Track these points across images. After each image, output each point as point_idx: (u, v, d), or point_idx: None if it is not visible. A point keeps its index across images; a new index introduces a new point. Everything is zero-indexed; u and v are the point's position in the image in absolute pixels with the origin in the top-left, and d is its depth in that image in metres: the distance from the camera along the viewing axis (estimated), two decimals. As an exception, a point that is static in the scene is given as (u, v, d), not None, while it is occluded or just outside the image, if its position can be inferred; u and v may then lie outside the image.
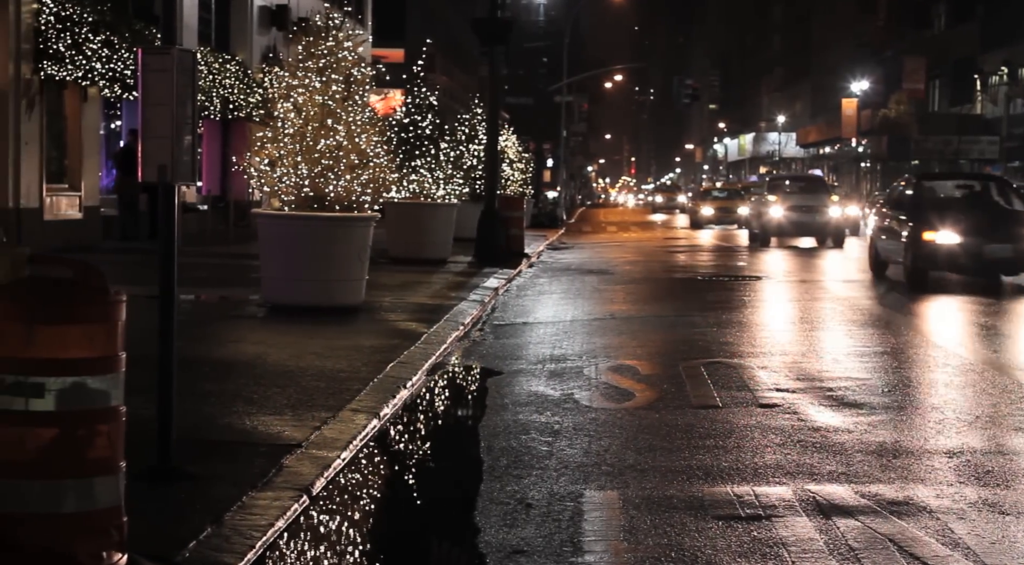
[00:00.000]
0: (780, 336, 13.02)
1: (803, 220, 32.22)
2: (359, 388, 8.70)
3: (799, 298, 17.60)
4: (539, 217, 46.87)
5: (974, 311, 15.57)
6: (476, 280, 18.53)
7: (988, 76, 67.28)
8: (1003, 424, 8.22)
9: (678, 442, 7.55)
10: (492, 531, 5.68)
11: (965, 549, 5.40)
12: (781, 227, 32.19)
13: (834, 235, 32.27)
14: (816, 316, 15.39)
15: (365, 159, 13.69)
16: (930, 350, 11.98)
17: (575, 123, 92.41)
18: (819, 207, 32.20)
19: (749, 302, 16.96)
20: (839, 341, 12.65)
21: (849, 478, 6.64)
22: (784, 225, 32.16)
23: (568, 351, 11.64)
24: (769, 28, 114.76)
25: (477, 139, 28.86)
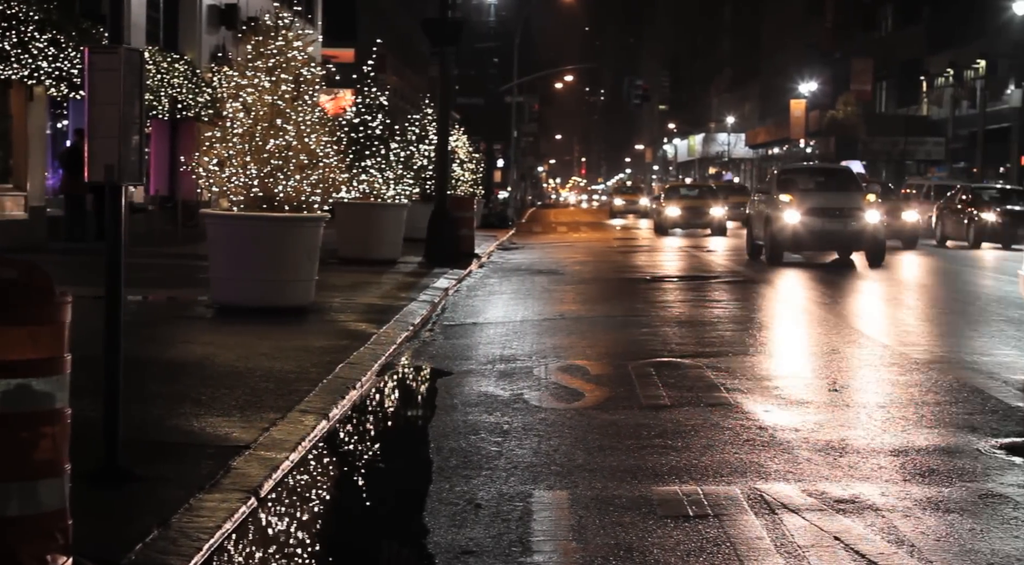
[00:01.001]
0: (729, 336, 13.09)
1: (830, 229, 23.74)
2: (308, 389, 8.68)
3: (748, 297, 17.70)
4: (489, 217, 46.86)
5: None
6: (426, 280, 18.51)
7: (934, 78, 67.94)
8: (948, 422, 8.30)
9: (627, 442, 7.57)
10: (441, 532, 5.68)
11: (910, 546, 5.46)
12: (798, 238, 23.83)
13: (871, 249, 23.82)
14: (765, 315, 15.49)
15: (315, 159, 13.64)
16: (872, 346, 12.09)
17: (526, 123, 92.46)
18: (852, 210, 23.84)
19: (698, 302, 17.04)
20: (787, 340, 12.74)
21: (796, 477, 6.69)
22: (803, 235, 23.78)
23: (518, 351, 11.65)
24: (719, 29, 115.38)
25: (427, 139, 28.81)
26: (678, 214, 42.04)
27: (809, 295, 18.06)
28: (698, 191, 46.76)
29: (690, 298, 17.63)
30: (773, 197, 24.94)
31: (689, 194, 45.40)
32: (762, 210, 25.42)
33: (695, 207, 42.52)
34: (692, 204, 42.83)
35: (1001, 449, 7.43)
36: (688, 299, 17.46)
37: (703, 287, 19.44)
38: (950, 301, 17.44)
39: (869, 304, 17.44)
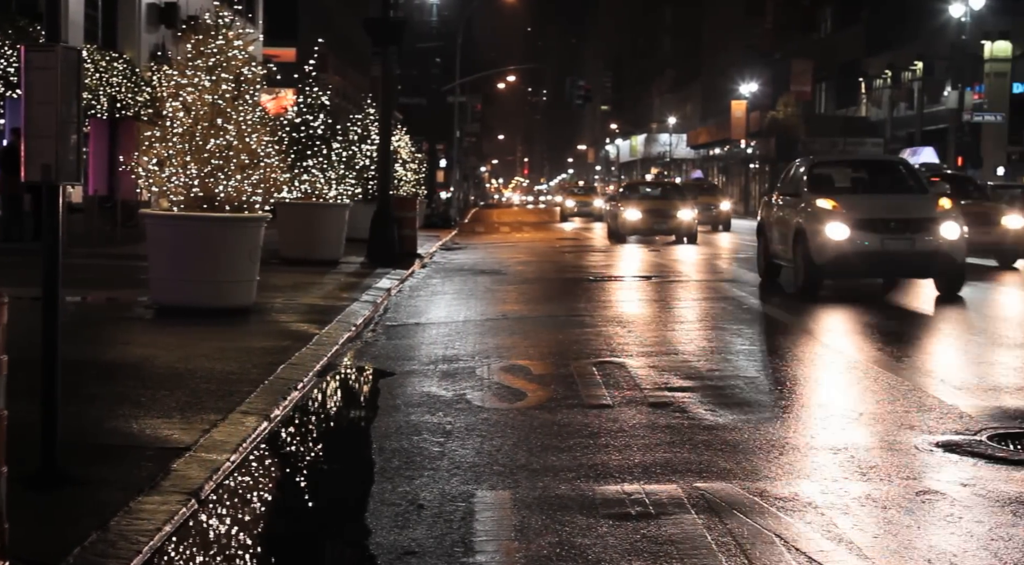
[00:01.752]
0: (671, 335, 13.16)
1: (893, 249, 16.57)
2: (249, 390, 8.63)
3: (690, 297, 17.79)
4: (432, 217, 46.82)
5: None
6: (369, 281, 18.46)
7: (872, 79, 68.65)
8: (886, 420, 8.39)
9: (569, 441, 7.59)
10: (383, 532, 5.67)
11: (849, 543, 5.51)
12: (847, 260, 16.56)
13: (946, 274, 16.89)
14: (707, 314, 15.57)
15: (256, 159, 13.57)
16: (816, 348, 12.19)
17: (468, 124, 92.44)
18: (921, 222, 16.77)
19: (641, 301, 17.11)
20: (729, 340, 12.81)
21: (737, 475, 6.73)
22: (854, 257, 16.60)
23: (461, 351, 11.64)
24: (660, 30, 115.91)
25: (370, 139, 28.73)
26: (638, 217, 35.20)
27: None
28: (661, 190, 40.04)
29: (629, 297, 17.69)
30: (805, 200, 17.56)
31: (651, 193, 38.97)
32: (788, 218, 17.99)
33: (659, 209, 35.80)
34: (655, 205, 36.17)
35: (938, 446, 7.51)
36: (628, 298, 17.53)
37: (642, 287, 19.52)
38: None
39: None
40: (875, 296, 17.60)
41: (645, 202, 36.55)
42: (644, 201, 36.71)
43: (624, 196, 38.05)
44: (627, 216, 35.31)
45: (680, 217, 35.17)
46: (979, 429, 8.02)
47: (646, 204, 36.10)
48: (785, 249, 18.11)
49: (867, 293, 17.90)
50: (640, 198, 37.35)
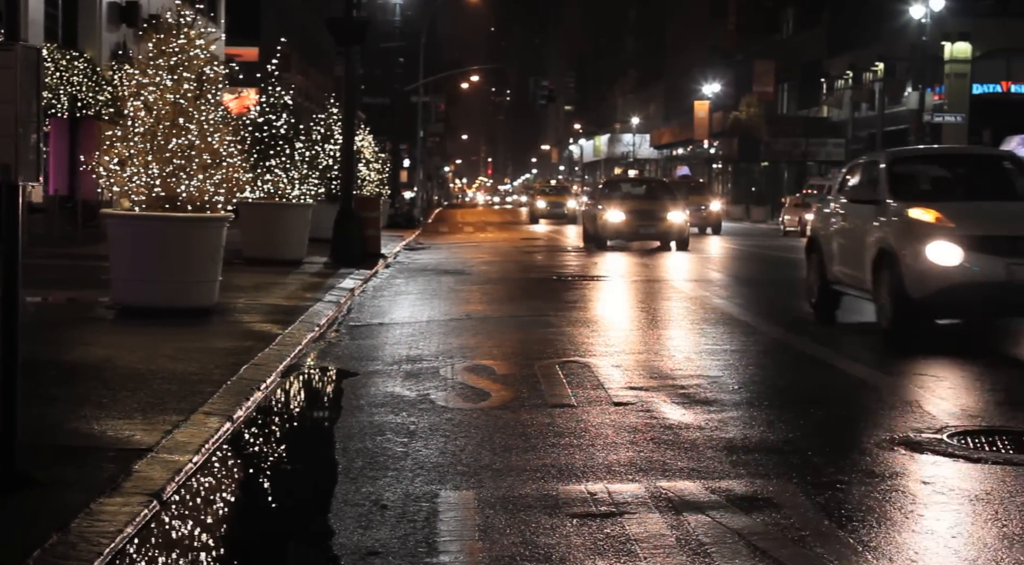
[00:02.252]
0: (634, 335, 13.19)
1: None
2: (212, 391, 8.59)
3: (653, 297, 17.85)
4: (396, 217, 46.75)
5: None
6: (332, 281, 18.41)
7: (834, 80, 69.03)
8: (848, 420, 8.44)
9: (533, 441, 7.60)
10: (346, 533, 5.66)
11: (810, 542, 5.54)
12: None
13: None
14: (670, 314, 15.62)
15: (218, 159, 13.50)
16: (786, 345, 12.25)
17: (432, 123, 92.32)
18: None
19: (604, 301, 17.15)
20: (692, 339, 12.85)
21: (700, 474, 6.76)
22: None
23: (424, 352, 11.63)
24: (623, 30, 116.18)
25: (333, 139, 28.68)
26: (621, 219, 30.65)
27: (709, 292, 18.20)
28: (647, 188, 35.66)
29: (592, 297, 17.72)
30: (890, 209, 13.02)
31: (636, 192, 34.35)
32: (862, 233, 13.53)
33: (646, 210, 31.31)
34: (641, 206, 31.67)
35: (899, 445, 7.56)
36: (591, 298, 17.56)
37: (604, 287, 19.56)
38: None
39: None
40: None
41: (629, 202, 32.17)
42: (628, 201, 32.30)
43: (605, 195, 33.43)
44: (609, 218, 30.78)
45: (670, 220, 30.82)
46: (941, 427, 8.08)
47: (631, 204, 31.68)
48: (855, 274, 13.54)
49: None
50: (624, 197, 32.91)
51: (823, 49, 68.72)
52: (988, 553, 5.43)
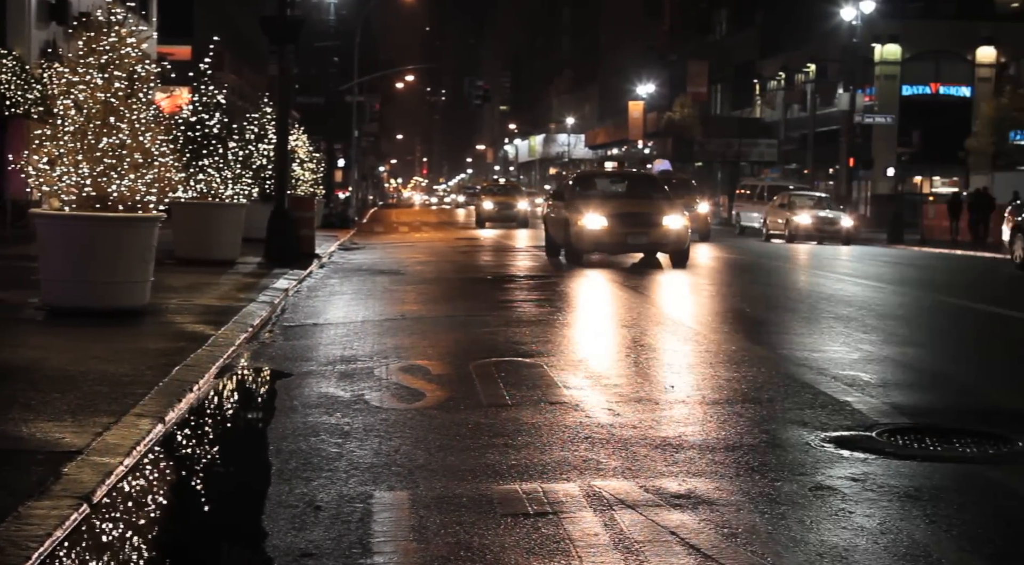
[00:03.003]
0: (570, 334, 13.22)
1: None
2: (144, 392, 8.51)
3: (590, 297, 17.90)
4: (330, 217, 46.56)
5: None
6: (266, 281, 18.30)
7: (767, 81, 69.63)
8: (780, 417, 8.51)
9: (468, 441, 7.60)
10: (280, 534, 5.63)
11: (743, 540, 5.58)
12: None
13: None
14: (606, 314, 15.68)
15: (150, 158, 13.37)
16: (721, 345, 12.33)
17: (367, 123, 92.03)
18: None
19: (540, 300, 17.17)
20: (627, 339, 12.90)
21: (634, 473, 6.79)
22: None
23: (359, 352, 11.59)
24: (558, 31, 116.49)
25: (267, 138, 28.51)
26: (603, 226, 23.68)
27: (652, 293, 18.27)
28: (629, 184, 28.03)
29: (528, 297, 17.74)
30: None
31: (617, 190, 27.32)
32: None
33: (635, 214, 24.14)
34: (628, 208, 24.50)
35: (830, 442, 7.64)
36: (527, 298, 17.58)
37: (541, 286, 19.59)
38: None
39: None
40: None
41: (612, 203, 24.77)
42: (611, 202, 25.02)
43: (578, 194, 25.92)
44: (587, 224, 23.69)
45: (667, 226, 23.67)
46: (870, 424, 8.17)
47: (614, 206, 24.44)
48: None
49: None
50: (604, 197, 25.83)
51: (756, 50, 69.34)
52: (917, 549, 5.50)
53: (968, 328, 15.50)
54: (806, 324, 14.60)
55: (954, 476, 6.86)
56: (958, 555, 5.40)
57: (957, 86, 59.20)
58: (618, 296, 17.89)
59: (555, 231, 26.33)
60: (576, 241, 24.26)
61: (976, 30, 56.91)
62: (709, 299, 18.10)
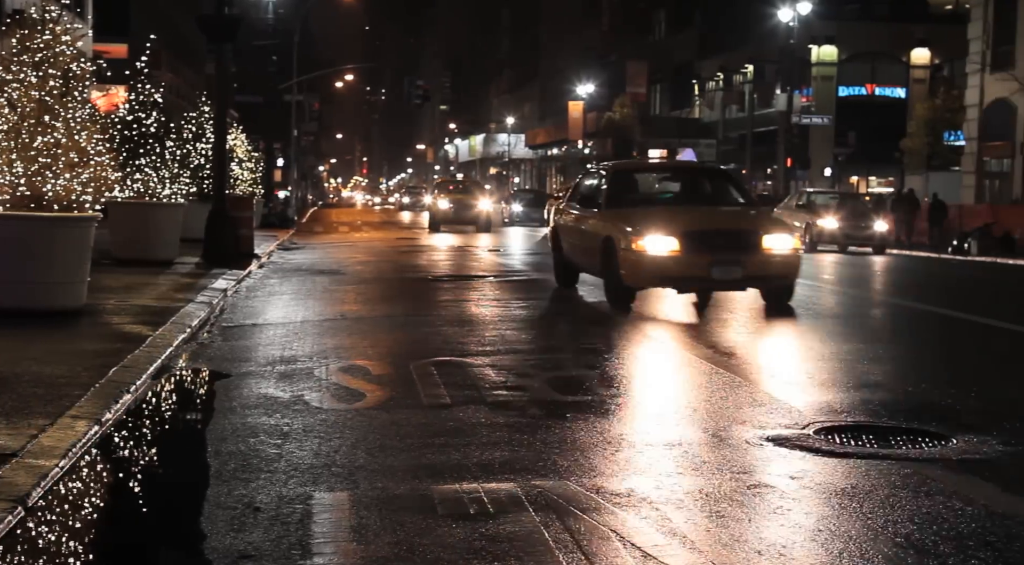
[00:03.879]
0: (510, 334, 13.23)
1: None
2: (80, 394, 8.42)
3: (530, 296, 17.91)
4: (270, 217, 46.31)
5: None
6: (204, 281, 18.17)
7: (706, 81, 70.05)
8: (719, 415, 8.57)
9: (408, 441, 7.58)
10: (219, 536, 5.59)
11: (683, 537, 5.61)
12: None
13: None
14: (545, 313, 15.71)
15: (86, 157, 13.24)
16: (652, 344, 12.39)
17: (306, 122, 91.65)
18: None
19: (480, 301, 17.17)
20: (569, 337, 12.94)
21: (574, 473, 6.80)
22: None
23: (298, 352, 11.54)
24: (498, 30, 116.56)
25: (205, 138, 28.30)
26: (674, 250, 15.25)
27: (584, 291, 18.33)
28: (690, 183, 18.57)
29: (468, 297, 17.74)
30: None
31: (677, 194, 18.44)
32: None
33: (725, 232, 15.85)
34: (713, 222, 16.10)
35: (768, 441, 7.70)
36: (467, 298, 17.58)
37: (481, 286, 19.59)
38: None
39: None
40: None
41: (686, 215, 16.31)
42: (683, 213, 16.53)
43: (623, 200, 17.32)
44: (650, 248, 15.29)
45: (769, 248, 15.51)
46: (807, 423, 8.25)
47: (689, 219, 16.00)
48: None
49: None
50: (666, 207, 17.66)
51: (695, 51, 69.74)
52: (853, 545, 5.56)
53: (906, 327, 15.68)
54: (745, 323, 14.70)
55: (890, 474, 6.94)
56: (893, 551, 5.46)
57: (892, 87, 59.90)
58: (541, 294, 17.85)
59: (578, 252, 17.89)
60: (631, 272, 15.41)
61: (911, 32, 57.60)
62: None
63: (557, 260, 19.47)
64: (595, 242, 16.52)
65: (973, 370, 11.37)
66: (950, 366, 11.66)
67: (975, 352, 13.02)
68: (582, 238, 17.60)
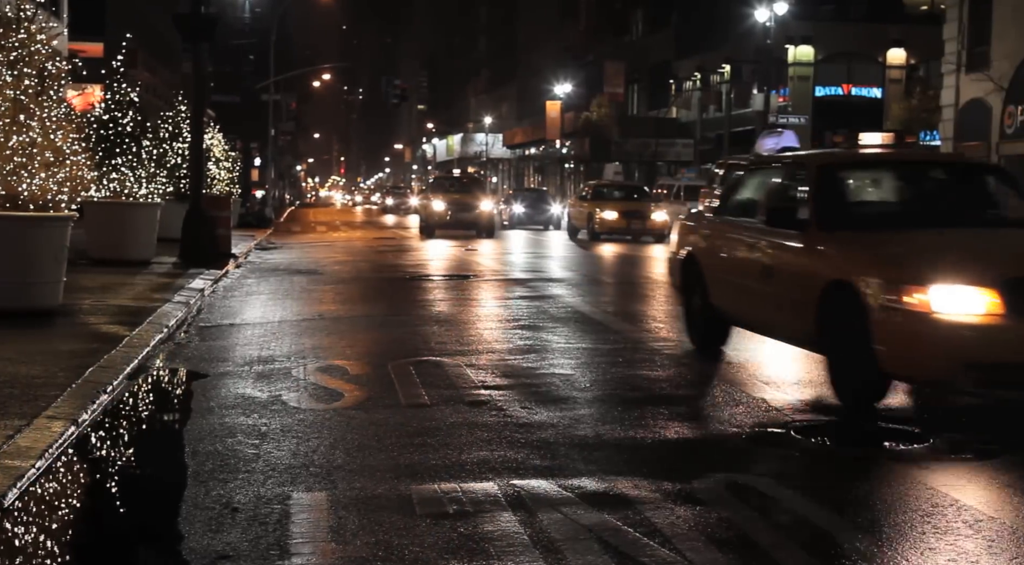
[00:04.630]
0: (488, 334, 13.23)
1: None
2: (56, 394, 8.38)
3: (507, 296, 17.92)
4: (247, 217, 46.19)
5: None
6: (181, 281, 18.11)
7: (683, 81, 70.16)
8: (698, 415, 8.58)
9: (387, 441, 7.57)
10: (197, 537, 5.57)
11: (661, 537, 5.62)
12: None
13: None
14: (523, 314, 15.70)
15: (61, 157, 13.18)
16: (642, 344, 12.40)
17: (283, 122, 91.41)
18: None
19: (458, 301, 17.16)
20: (545, 338, 12.93)
21: (553, 472, 6.80)
22: None
23: (276, 352, 11.51)
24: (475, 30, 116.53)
25: (181, 137, 28.19)
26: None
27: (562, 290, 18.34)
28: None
29: (445, 297, 17.73)
30: None
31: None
32: None
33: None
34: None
35: (749, 440, 7.71)
36: (445, 298, 17.57)
37: (458, 286, 19.59)
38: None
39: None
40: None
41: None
42: (988, 240, 9.56)
43: (839, 208, 10.49)
44: (943, 303, 8.24)
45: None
46: (786, 421, 8.26)
47: (1007, 252, 9.09)
48: None
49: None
50: (923, 226, 9.79)
51: (672, 51, 69.80)
52: (830, 542, 5.57)
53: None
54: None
55: (867, 470, 6.96)
56: (869, 550, 5.47)
57: (869, 87, 60.09)
58: (519, 293, 17.87)
59: (754, 303, 10.93)
60: (904, 350, 8.50)
61: (887, 32, 57.78)
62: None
63: (691, 309, 12.35)
64: (804, 289, 9.61)
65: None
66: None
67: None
68: (767, 280, 10.47)
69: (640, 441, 7.66)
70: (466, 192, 42.11)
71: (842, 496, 6.40)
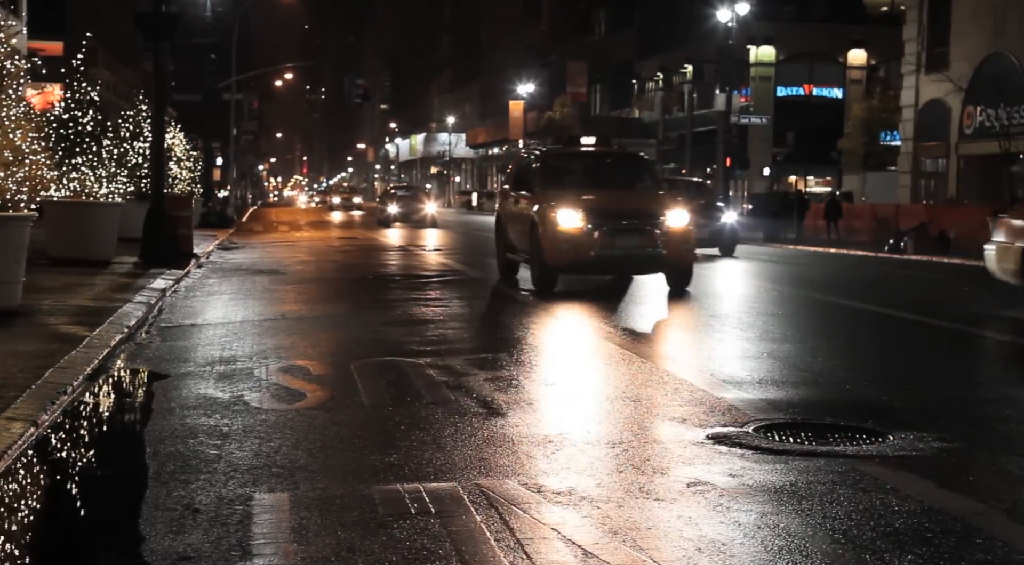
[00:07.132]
0: (452, 333, 13.22)
1: None
2: (15, 395, 8.32)
3: (472, 294, 17.92)
4: (209, 217, 46.01)
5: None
6: (142, 281, 18.01)
7: (645, 82, 70.34)
8: (660, 414, 8.61)
9: (349, 441, 7.56)
10: (157, 538, 5.54)
11: (623, 535, 5.63)
12: None
13: None
14: (489, 310, 15.71)
15: (20, 156, 13.09)
16: (601, 343, 12.42)
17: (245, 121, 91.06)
18: None
19: (421, 300, 17.14)
20: (511, 335, 12.94)
21: (517, 472, 6.81)
22: None
23: (238, 352, 11.47)
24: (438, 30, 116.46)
25: (142, 136, 28.06)
26: None
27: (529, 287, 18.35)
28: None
29: (409, 296, 17.72)
30: None
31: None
32: None
33: None
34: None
35: (709, 439, 7.75)
36: (408, 297, 17.55)
37: (423, 285, 19.57)
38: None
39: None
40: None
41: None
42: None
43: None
44: None
45: None
46: (746, 420, 8.30)
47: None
48: None
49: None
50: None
51: (634, 51, 70.01)
52: (793, 542, 5.60)
53: (841, 324, 15.83)
54: (685, 321, 14.77)
55: (828, 470, 7.00)
56: (831, 547, 5.51)
57: (829, 88, 60.48)
58: (483, 293, 17.85)
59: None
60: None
61: (847, 33, 58.17)
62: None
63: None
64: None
65: (908, 367, 11.50)
66: (888, 362, 11.78)
67: (916, 349, 13.17)
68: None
69: (603, 439, 7.68)
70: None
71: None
